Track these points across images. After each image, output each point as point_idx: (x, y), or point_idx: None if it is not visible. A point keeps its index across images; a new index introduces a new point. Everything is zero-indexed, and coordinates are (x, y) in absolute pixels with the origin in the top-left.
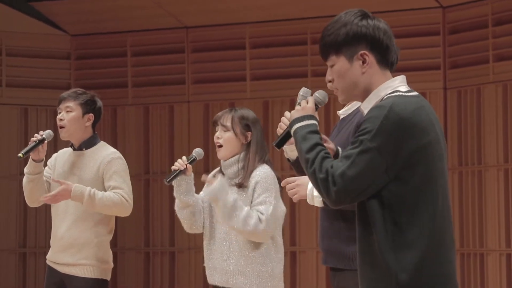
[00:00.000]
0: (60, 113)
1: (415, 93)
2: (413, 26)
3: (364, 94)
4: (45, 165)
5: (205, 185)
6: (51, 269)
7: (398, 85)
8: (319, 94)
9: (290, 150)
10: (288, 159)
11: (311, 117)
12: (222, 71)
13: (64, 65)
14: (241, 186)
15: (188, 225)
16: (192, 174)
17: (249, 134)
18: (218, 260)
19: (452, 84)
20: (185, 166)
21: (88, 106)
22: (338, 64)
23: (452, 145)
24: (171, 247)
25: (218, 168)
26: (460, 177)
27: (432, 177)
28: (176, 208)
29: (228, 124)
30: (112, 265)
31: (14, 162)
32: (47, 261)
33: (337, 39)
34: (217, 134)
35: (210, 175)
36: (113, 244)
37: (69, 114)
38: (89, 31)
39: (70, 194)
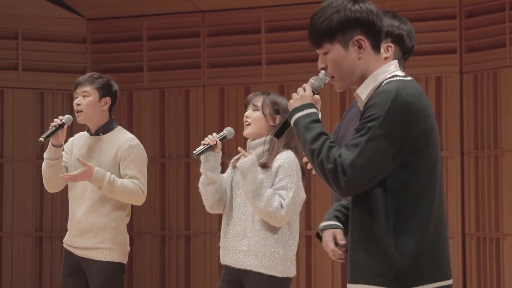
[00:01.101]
0: (77, 97)
1: (410, 78)
2: (430, 10)
3: (360, 80)
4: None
5: (237, 160)
6: (68, 253)
7: (395, 69)
8: (315, 80)
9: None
10: None
11: (311, 105)
12: (238, 55)
13: (80, 49)
14: (265, 166)
15: (210, 202)
16: (220, 152)
17: (277, 117)
18: (232, 240)
19: (469, 68)
20: (215, 142)
21: (105, 90)
22: (333, 52)
23: (468, 129)
24: (186, 231)
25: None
26: (476, 162)
27: (434, 163)
28: (200, 185)
29: (259, 104)
30: (129, 248)
31: (31, 146)
32: (64, 245)
33: (331, 25)
34: (246, 113)
35: (234, 158)
36: (129, 228)
37: (86, 98)
38: (105, 15)
39: (91, 176)
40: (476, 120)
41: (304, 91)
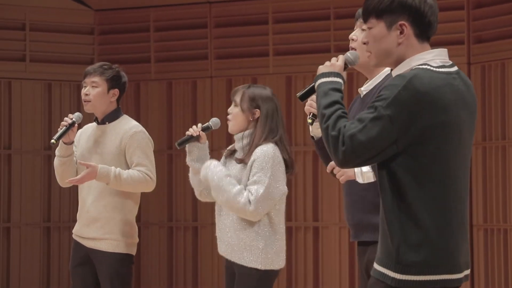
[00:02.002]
0: (85, 87)
1: (450, 69)
2: (437, 1)
3: (396, 63)
4: None
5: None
6: (77, 244)
7: (432, 58)
8: (351, 54)
9: (316, 128)
10: (312, 137)
11: (337, 74)
12: (245, 46)
13: (87, 40)
14: (241, 162)
15: (198, 191)
16: (207, 142)
17: (256, 111)
18: (223, 232)
19: (476, 59)
20: (197, 133)
21: (114, 82)
22: (376, 29)
23: (477, 120)
24: (194, 222)
25: (233, 145)
26: (484, 153)
27: (444, 158)
28: (189, 174)
29: (238, 99)
30: (137, 239)
31: (38, 137)
32: (73, 236)
33: (380, 4)
34: (229, 109)
35: (227, 149)
36: (137, 219)
37: (95, 89)
38: (112, 6)
39: (96, 175)
40: (483, 111)
41: (337, 61)
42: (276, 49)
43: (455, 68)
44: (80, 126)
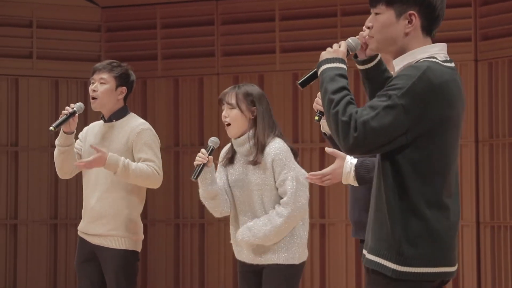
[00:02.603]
0: (93, 83)
1: (452, 64)
2: None
3: (397, 52)
4: (76, 137)
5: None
6: (83, 241)
7: (437, 52)
8: (353, 40)
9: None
10: (324, 133)
11: (342, 60)
12: (252, 44)
13: (94, 37)
14: (256, 163)
15: (218, 211)
16: (213, 164)
17: (254, 109)
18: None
19: (483, 56)
20: (207, 159)
21: (122, 80)
22: (384, 15)
23: (483, 117)
24: (200, 219)
25: (229, 146)
26: (491, 150)
27: (447, 150)
28: (202, 198)
29: (233, 101)
30: (142, 236)
31: (45, 134)
32: (78, 232)
33: None
34: (223, 113)
35: (222, 152)
36: (143, 216)
37: (103, 86)
38: (119, 3)
39: (105, 162)
40: (490, 108)
41: (339, 47)
42: (283, 46)
43: (453, 64)
44: (86, 121)
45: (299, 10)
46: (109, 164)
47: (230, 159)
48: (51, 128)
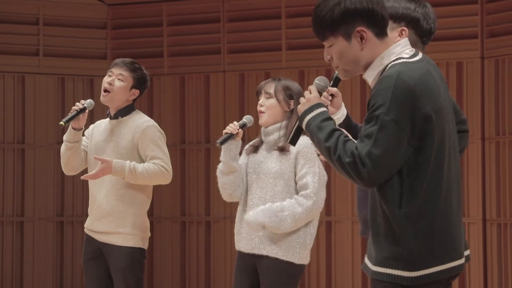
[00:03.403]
0: (110, 76)
1: (419, 56)
2: None
3: (366, 68)
4: (83, 134)
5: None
6: (89, 238)
7: (402, 50)
8: (319, 80)
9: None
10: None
11: (319, 105)
12: (258, 41)
13: (100, 34)
14: (283, 149)
15: (229, 192)
16: (240, 141)
17: (291, 102)
18: (246, 228)
19: (490, 53)
20: (237, 130)
21: (139, 83)
22: (336, 45)
23: (489, 115)
24: (206, 217)
25: (258, 138)
26: (497, 147)
27: (443, 144)
28: (218, 173)
29: (271, 91)
30: (149, 234)
31: (52, 132)
32: (85, 230)
33: (332, 19)
34: (260, 101)
35: (248, 144)
36: (149, 213)
37: (120, 82)
38: (125, 0)
39: (111, 170)
40: (497, 106)
41: (310, 93)
42: (289, 43)
43: (421, 55)
44: (92, 118)
45: (306, 7)
46: (115, 171)
47: (255, 148)
48: (61, 122)
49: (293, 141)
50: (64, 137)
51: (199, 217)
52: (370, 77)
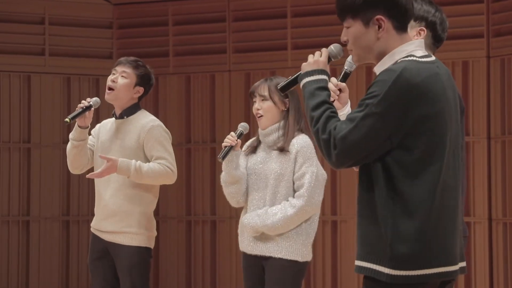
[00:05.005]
0: (114, 74)
1: (431, 58)
2: None
3: (378, 58)
4: (89, 133)
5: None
6: (96, 237)
7: (414, 49)
8: (334, 47)
9: None
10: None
11: (321, 71)
12: (263, 40)
13: (106, 34)
14: (282, 149)
15: (236, 199)
16: (240, 150)
17: (287, 100)
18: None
19: (496, 52)
20: (236, 141)
21: (143, 80)
22: (354, 27)
23: (495, 114)
24: (212, 216)
25: (255, 138)
26: (503, 146)
27: (438, 148)
28: (223, 183)
29: (266, 93)
30: (155, 233)
31: (57, 131)
32: (91, 229)
33: (354, 2)
34: (256, 105)
35: (246, 145)
36: (155, 213)
37: (123, 79)
38: (131, 0)
39: (116, 169)
40: (503, 105)
41: (320, 56)
42: (295, 42)
43: (433, 58)
44: (98, 117)
45: (311, 6)
46: (121, 170)
47: (254, 149)
48: (66, 119)
49: (284, 89)
50: (70, 135)
51: (204, 216)
52: (379, 71)
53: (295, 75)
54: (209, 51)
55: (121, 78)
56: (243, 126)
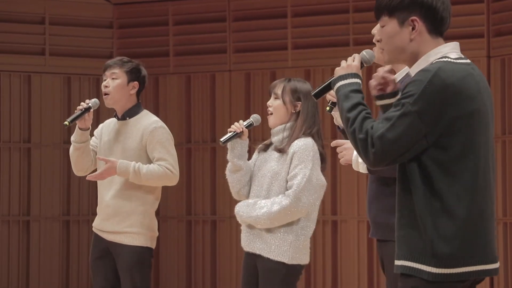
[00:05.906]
0: (105, 80)
1: (466, 60)
2: None
3: (410, 60)
4: (92, 134)
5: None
6: (97, 237)
7: (449, 51)
8: (367, 53)
9: (339, 116)
10: (338, 127)
11: (355, 75)
12: (264, 40)
13: (106, 34)
14: (280, 151)
15: (236, 189)
16: (247, 140)
17: (298, 104)
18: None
19: (496, 52)
20: (241, 129)
21: (133, 74)
22: (388, 26)
23: (496, 113)
24: (212, 216)
25: (269, 140)
26: (504, 146)
27: (474, 147)
28: (227, 172)
29: (279, 92)
30: (157, 233)
31: (58, 131)
32: (93, 229)
33: (392, 1)
34: (268, 102)
35: (261, 144)
36: (156, 213)
37: (115, 81)
38: (131, 0)
39: (116, 171)
40: (503, 105)
41: (353, 61)
42: (295, 42)
43: (468, 60)
44: (98, 118)
45: (311, 6)
46: (120, 172)
47: (266, 147)
48: (65, 122)
49: (317, 95)
50: (72, 138)
51: (205, 216)
52: (415, 72)
53: (328, 81)
54: (209, 51)
55: (112, 81)
56: (254, 118)
